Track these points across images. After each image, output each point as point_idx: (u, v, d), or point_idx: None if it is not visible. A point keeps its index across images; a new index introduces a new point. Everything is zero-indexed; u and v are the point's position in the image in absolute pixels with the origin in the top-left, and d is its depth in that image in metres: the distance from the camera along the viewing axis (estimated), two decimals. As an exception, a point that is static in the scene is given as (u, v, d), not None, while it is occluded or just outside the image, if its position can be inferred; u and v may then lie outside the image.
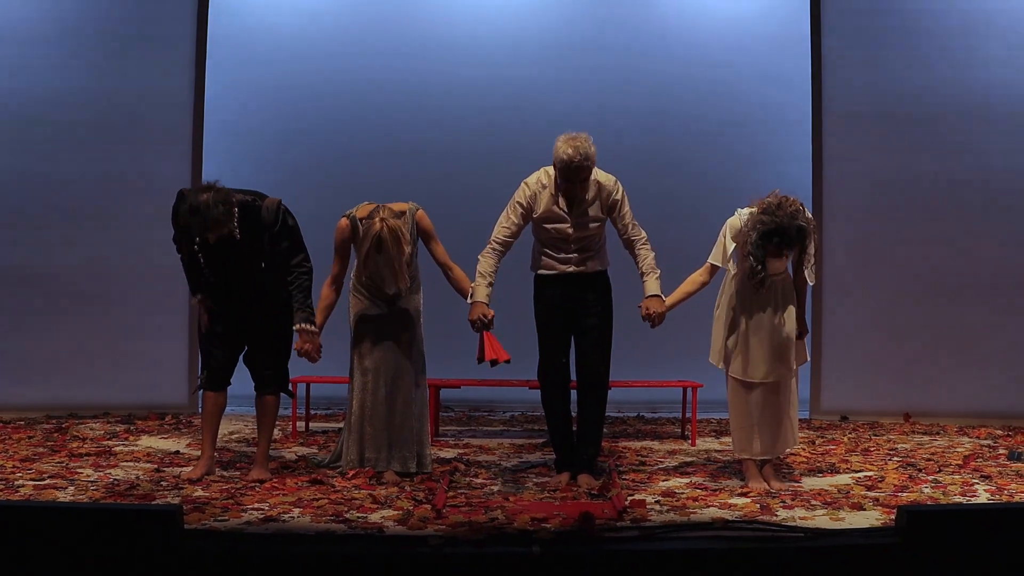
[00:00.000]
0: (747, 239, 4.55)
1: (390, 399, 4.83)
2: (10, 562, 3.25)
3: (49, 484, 4.52)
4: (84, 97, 7.05)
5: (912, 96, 7.24)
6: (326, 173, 7.17)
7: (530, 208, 4.84)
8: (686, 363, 6.77)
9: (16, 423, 6.43)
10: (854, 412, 7.25)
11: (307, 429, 6.37)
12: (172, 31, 7.16)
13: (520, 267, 5.18)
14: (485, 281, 4.82)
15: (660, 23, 7.51)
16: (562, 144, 4.67)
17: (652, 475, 5.02)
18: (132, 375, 7.02)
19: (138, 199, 6.97)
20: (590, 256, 4.87)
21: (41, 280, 7.00)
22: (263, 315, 4.80)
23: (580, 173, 4.68)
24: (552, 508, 4.13)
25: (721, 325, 4.82)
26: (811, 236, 4.56)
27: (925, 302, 7.23)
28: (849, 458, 5.54)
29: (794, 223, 4.45)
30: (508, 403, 7.52)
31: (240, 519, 3.91)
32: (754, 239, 4.50)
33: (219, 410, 4.90)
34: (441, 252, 4.97)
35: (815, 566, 3.48)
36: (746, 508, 4.21)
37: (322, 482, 4.64)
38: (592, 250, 4.88)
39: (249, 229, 4.63)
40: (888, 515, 4.05)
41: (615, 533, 3.65)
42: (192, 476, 4.71)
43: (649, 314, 4.78)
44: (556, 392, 4.90)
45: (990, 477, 4.94)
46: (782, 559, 3.48)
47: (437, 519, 3.88)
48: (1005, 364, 7.12)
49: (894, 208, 7.27)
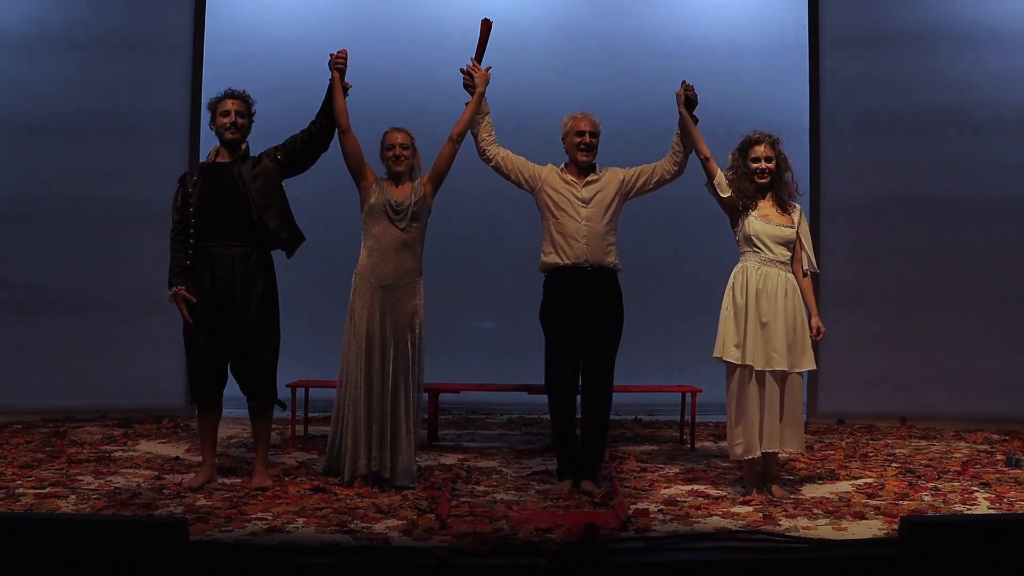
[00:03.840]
0: (736, 171, 4.86)
1: (392, 399, 4.78)
2: (15, 574, 3.24)
3: (50, 492, 4.51)
4: (81, 101, 7.05)
5: (911, 104, 7.28)
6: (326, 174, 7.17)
7: (536, 175, 5.02)
8: (684, 368, 6.80)
9: (13, 427, 6.41)
10: (850, 416, 7.27)
11: (305, 433, 6.37)
12: (169, 38, 7.19)
13: (528, 268, 5.19)
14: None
15: (661, 24, 7.54)
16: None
17: (653, 483, 5.03)
18: (129, 378, 7.01)
19: (135, 204, 6.97)
20: (601, 251, 4.90)
21: (37, 283, 7.00)
22: (246, 322, 4.74)
23: (588, 121, 4.97)
24: (557, 518, 4.14)
25: (729, 316, 4.80)
26: (784, 155, 4.87)
27: (921, 306, 7.25)
28: (848, 464, 5.56)
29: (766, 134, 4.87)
30: (506, 406, 7.52)
31: (244, 529, 3.91)
32: (736, 160, 4.88)
33: (215, 420, 4.89)
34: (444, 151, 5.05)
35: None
36: (749, 517, 4.22)
37: (324, 490, 4.64)
38: (602, 247, 4.91)
39: (252, 160, 4.83)
40: (890, 524, 4.07)
41: (620, 544, 3.67)
42: (193, 484, 4.70)
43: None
44: (564, 401, 4.91)
45: (989, 484, 4.97)
46: (787, 570, 3.50)
47: (442, 529, 3.88)
48: (1001, 369, 7.14)
49: (891, 214, 7.30)
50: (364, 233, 4.92)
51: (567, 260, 4.88)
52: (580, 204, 4.93)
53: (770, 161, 4.81)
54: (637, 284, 5.43)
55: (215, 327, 4.75)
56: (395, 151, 4.93)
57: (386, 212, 4.85)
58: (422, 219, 4.93)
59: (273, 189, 4.86)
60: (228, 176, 4.79)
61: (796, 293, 4.78)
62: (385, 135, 4.99)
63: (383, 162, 4.98)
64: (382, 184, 4.94)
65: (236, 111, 4.84)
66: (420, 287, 4.93)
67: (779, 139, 4.88)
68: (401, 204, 4.86)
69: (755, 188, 4.83)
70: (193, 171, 4.91)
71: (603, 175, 5.02)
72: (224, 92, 4.90)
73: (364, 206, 4.92)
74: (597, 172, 5.03)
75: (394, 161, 4.93)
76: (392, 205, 4.86)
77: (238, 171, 4.79)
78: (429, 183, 4.98)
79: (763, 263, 4.77)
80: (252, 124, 4.93)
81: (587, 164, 4.98)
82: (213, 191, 4.77)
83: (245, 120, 4.88)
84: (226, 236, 4.75)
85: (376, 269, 4.85)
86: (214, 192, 4.76)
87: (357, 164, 4.93)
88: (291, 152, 4.91)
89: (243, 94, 4.91)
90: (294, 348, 5.35)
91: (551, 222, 4.96)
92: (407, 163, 4.96)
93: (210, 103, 4.91)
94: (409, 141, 4.98)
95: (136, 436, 6.23)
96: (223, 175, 4.80)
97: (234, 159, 4.84)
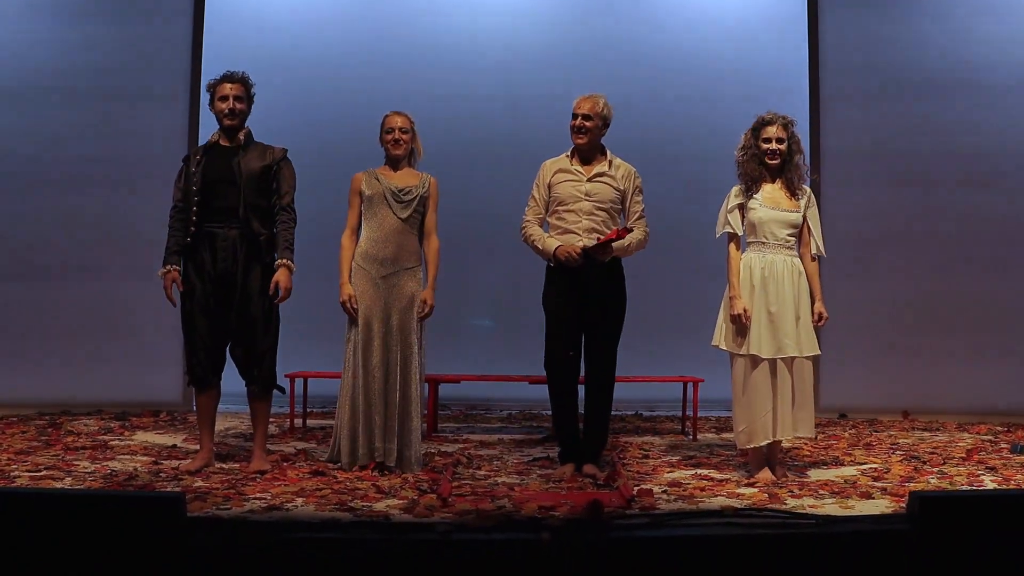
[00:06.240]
0: (745, 151, 4.82)
1: (401, 388, 4.73)
2: (10, 550, 3.18)
3: (46, 475, 4.45)
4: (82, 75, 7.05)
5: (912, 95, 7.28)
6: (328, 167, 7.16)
7: (545, 184, 4.92)
8: (685, 360, 6.74)
9: (8, 419, 6.34)
10: (852, 410, 7.22)
11: (304, 426, 6.30)
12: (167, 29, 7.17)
13: (530, 259, 5.14)
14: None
15: (661, 27, 7.51)
16: None
17: (656, 467, 4.98)
18: (125, 372, 6.95)
19: (134, 196, 6.93)
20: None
21: (33, 275, 6.94)
22: (247, 304, 4.69)
23: (583, 103, 4.85)
24: (560, 497, 4.08)
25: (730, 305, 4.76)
26: (797, 138, 4.84)
27: (923, 300, 7.22)
28: (852, 452, 5.51)
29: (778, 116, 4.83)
30: (505, 401, 7.47)
31: (243, 508, 3.85)
32: (748, 140, 4.83)
33: (213, 403, 4.83)
34: (432, 221, 4.96)
35: (827, 553, 3.43)
36: (754, 497, 4.17)
37: (324, 473, 4.58)
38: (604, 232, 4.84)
39: (254, 153, 4.77)
40: (897, 503, 4.02)
41: (625, 520, 3.61)
42: (191, 468, 4.64)
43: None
44: (564, 385, 4.85)
45: (995, 469, 4.92)
46: (794, 546, 3.44)
47: (443, 507, 3.83)
48: (1004, 362, 7.10)
49: (892, 207, 7.27)
50: (364, 222, 4.88)
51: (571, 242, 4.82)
52: (583, 197, 4.85)
53: (781, 143, 4.77)
54: (638, 275, 5.38)
55: (215, 308, 4.70)
56: (394, 134, 4.89)
57: (387, 200, 4.81)
58: (423, 209, 4.90)
59: (264, 194, 4.78)
60: (227, 163, 4.74)
61: (802, 277, 4.75)
62: (385, 118, 4.95)
63: (382, 145, 4.94)
64: (375, 174, 4.89)
65: (234, 95, 4.79)
66: (420, 273, 4.89)
67: (793, 121, 4.84)
68: (404, 191, 4.82)
69: (761, 171, 4.79)
70: (197, 151, 4.87)
71: (614, 170, 4.90)
72: (223, 75, 4.85)
73: (359, 205, 4.90)
74: (606, 162, 4.90)
75: (393, 144, 4.89)
76: (394, 192, 4.82)
77: (237, 163, 4.73)
78: (432, 201, 4.95)
79: (767, 251, 4.73)
80: (251, 106, 4.89)
81: (582, 148, 4.88)
82: (214, 173, 4.73)
83: (243, 105, 4.83)
84: (227, 218, 4.70)
85: (377, 255, 4.81)
86: (215, 174, 4.72)
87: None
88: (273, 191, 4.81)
89: (242, 76, 4.86)
90: (293, 339, 5.30)
91: (553, 216, 4.91)
92: (406, 147, 4.92)
93: (209, 85, 4.86)
94: (409, 125, 4.94)
95: (133, 428, 6.16)
96: (223, 160, 4.76)
97: (234, 146, 4.80)
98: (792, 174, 4.81)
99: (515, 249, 5.24)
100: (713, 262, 5.54)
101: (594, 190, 4.85)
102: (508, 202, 6.21)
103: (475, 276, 7.45)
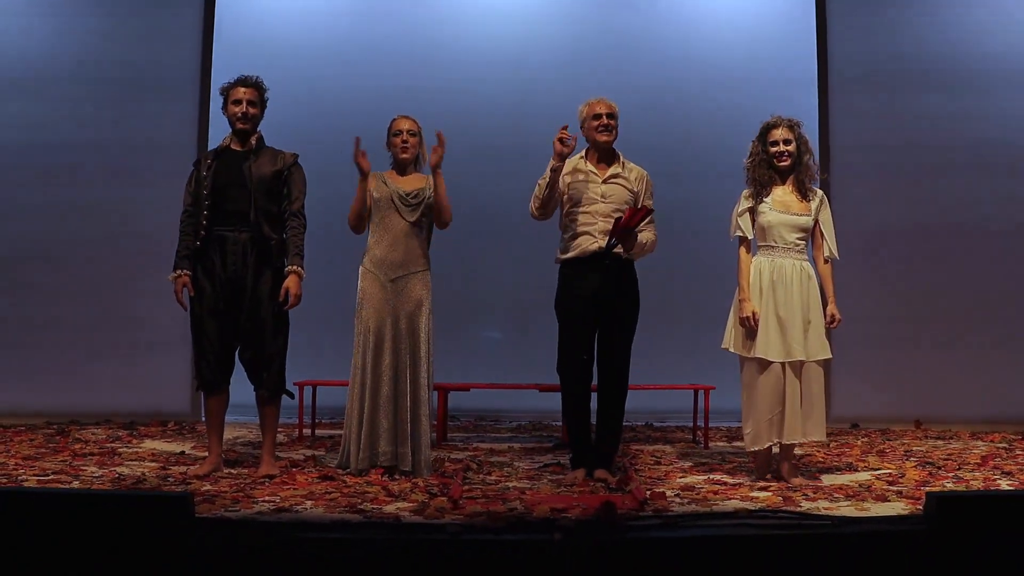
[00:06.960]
0: (754, 158, 4.80)
1: (411, 393, 4.71)
2: (20, 549, 3.16)
3: (53, 480, 4.42)
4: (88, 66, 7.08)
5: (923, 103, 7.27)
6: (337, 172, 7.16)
7: (561, 179, 4.87)
8: (696, 369, 6.69)
9: (17, 428, 6.32)
10: (864, 420, 7.16)
11: (313, 434, 6.27)
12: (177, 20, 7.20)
13: (544, 258, 5.11)
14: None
15: (663, 29, 7.52)
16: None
17: (668, 473, 4.93)
18: (134, 382, 6.93)
19: (142, 206, 6.94)
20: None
21: (42, 284, 6.95)
22: (257, 308, 4.67)
23: (604, 104, 4.84)
24: (572, 499, 4.04)
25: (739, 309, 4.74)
26: (805, 138, 4.82)
27: (935, 310, 7.17)
28: (866, 458, 5.46)
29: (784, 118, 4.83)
30: (514, 412, 7.42)
31: (252, 510, 3.82)
32: (756, 147, 4.82)
33: (222, 407, 4.80)
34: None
35: (842, 553, 3.39)
36: (768, 500, 4.12)
37: (333, 478, 4.54)
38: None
39: (265, 158, 4.77)
40: (913, 506, 3.96)
41: (638, 521, 3.56)
42: (199, 472, 4.62)
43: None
44: (577, 389, 4.81)
45: (1011, 474, 4.87)
46: (809, 547, 3.39)
47: (454, 510, 3.79)
48: (1018, 370, 7.04)
49: (903, 216, 7.23)
50: (372, 226, 4.87)
51: (585, 245, 4.80)
52: (599, 199, 4.84)
53: (789, 144, 4.75)
54: (649, 281, 5.34)
55: (224, 311, 4.68)
56: (402, 137, 4.88)
57: (394, 203, 4.80)
58: (431, 213, 4.88)
59: (275, 199, 4.78)
60: (238, 168, 4.74)
61: (812, 280, 4.72)
62: (392, 122, 4.95)
63: (389, 149, 4.93)
64: (382, 177, 4.88)
65: (248, 100, 4.79)
66: (428, 278, 4.86)
67: (799, 122, 4.82)
68: (412, 194, 4.81)
69: (771, 175, 4.77)
70: (208, 155, 4.87)
71: (628, 172, 4.90)
72: (237, 79, 4.86)
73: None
74: (621, 163, 4.90)
75: (401, 148, 4.88)
76: (402, 196, 4.81)
77: (248, 168, 4.73)
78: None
79: (777, 255, 4.71)
80: (264, 111, 4.88)
81: (608, 146, 4.87)
82: (225, 177, 4.72)
83: (256, 110, 4.83)
84: (237, 222, 4.69)
85: (384, 260, 4.79)
86: (226, 178, 4.72)
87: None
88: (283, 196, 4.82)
89: (256, 81, 4.86)
90: (303, 347, 5.27)
91: (567, 218, 4.90)
92: (413, 151, 4.91)
93: (222, 88, 4.86)
94: (416, 129, 4.94)
95: (141, 436, 6.14)
96: (234, 165, 4.75)
97: (245, 150, 4.80)
98: (803, 175, 4.79)
99: (526, 255, 5.23)
100: (724, 268, 5.51)
101: (610, 191, 4.83)
102: (518, 209, 6.17)
103: (484, 283, 7.41)
